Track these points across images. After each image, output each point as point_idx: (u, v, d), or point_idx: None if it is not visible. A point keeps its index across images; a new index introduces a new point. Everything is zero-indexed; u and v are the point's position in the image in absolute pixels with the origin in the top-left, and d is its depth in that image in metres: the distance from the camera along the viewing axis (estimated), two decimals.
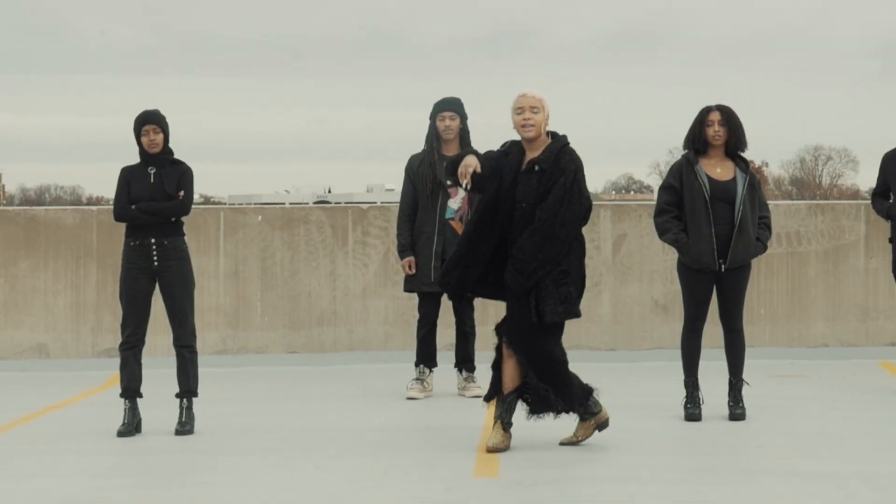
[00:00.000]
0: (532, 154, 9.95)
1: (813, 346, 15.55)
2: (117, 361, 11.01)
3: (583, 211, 9.94)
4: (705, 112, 11.17)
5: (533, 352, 9.83)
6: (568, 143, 9.98)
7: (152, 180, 10.84)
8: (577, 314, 9.91)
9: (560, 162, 9.83)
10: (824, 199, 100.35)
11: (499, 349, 10.01)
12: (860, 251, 15.65)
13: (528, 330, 9.78)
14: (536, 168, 9.83)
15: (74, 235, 15.45)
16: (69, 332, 15.43)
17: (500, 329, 10.00)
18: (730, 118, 11.12)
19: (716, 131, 11.08)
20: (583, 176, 9.94)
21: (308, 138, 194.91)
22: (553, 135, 10.02)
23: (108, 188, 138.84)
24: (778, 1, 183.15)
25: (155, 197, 10.81)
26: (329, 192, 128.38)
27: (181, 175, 10.90)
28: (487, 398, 10.15)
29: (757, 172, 11.30)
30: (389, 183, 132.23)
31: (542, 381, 9.85)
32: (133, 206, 10.83)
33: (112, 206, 11.10)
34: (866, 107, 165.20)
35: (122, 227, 11.02)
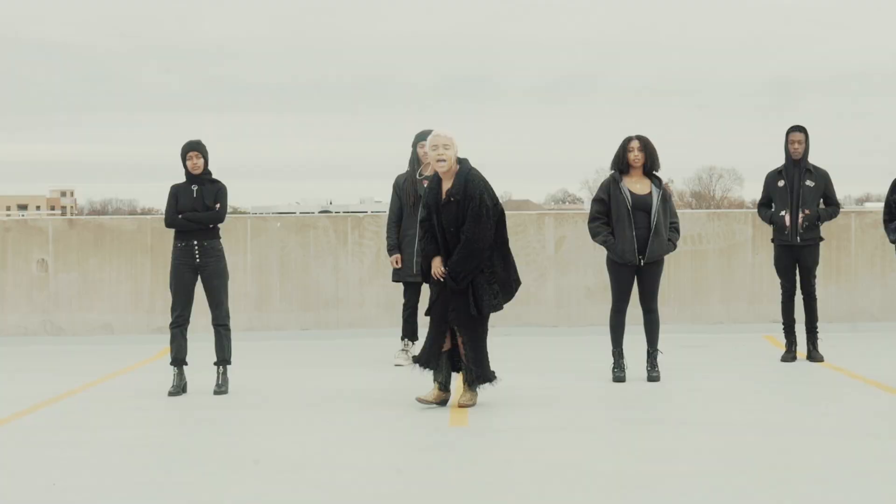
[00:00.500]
0: (447, 183, 9.84)
1: (711, 323, 15.54)
2: (168, 337, 10.95)
3: (495, 219, 9.77)
4: (627, 140, 11.17)
5: (474, 333, 9.84)
6: (471, 170, 9.82)
7: (195, 195, 10.78)
8: (501, 307, 9.92)
9: (467, 190, 9.70)
10: (717, 209, 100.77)
11: (436, 329, 9.95)
12: (748, 249, 15.65)
13: (471, 318, 9.78)
14: (452, 199, 9.75)
15: (133, 238, 15.38)
16: (129, 313, 15.36)
17: (431, 314, 9.98)
18: (646, 145, 11.12)
19: (635, 156, 11.08)
20: (489, 194, 9.77)
21: (314, 161, 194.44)
22: (460, 161, 9.90)
23: (159, 201, 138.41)
24: (682, 53, 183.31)
25: (197, 208, 10.76)
26: (331, 203, 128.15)
27: (218, 191, 10.85)
28: (420, 362, 10.05)
29: (666, 188, 11.28)
30: (378, 196, 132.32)
31: (476, 356, 9.84)
32: (180, 216, 10.77)
33: (163, 216, 11.03)
34: (749, 135, 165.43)
35: (171, 231, 10.96)
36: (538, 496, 6.90)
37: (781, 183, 12.37)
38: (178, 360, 10.82)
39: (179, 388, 10.78)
